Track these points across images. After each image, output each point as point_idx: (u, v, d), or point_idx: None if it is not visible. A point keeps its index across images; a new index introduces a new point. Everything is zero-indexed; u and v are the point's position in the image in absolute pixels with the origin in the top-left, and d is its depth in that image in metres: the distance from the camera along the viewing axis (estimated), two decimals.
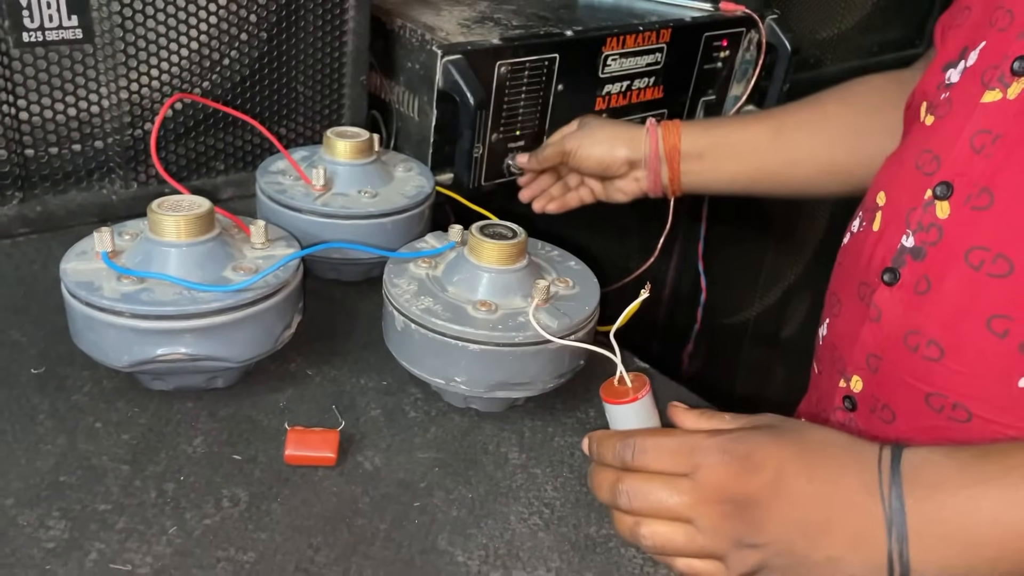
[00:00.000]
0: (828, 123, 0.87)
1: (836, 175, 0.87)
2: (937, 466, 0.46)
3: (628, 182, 0.93)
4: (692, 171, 0.90)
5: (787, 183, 0.90)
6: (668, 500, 0.48)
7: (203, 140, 0.85)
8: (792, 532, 0.46)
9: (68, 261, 0.57)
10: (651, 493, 0.49)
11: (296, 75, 0.87)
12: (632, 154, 0.90)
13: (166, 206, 0.58)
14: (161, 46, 0.78)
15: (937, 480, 0.45)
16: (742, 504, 0.47)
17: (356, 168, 0.73)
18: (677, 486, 0.48)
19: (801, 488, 0.46)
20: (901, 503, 0.45)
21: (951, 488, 0.45)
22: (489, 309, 0.58)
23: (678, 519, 0.48)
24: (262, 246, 0.61)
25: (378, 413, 0.61)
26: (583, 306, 0.60)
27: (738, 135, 0.90)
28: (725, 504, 0.47)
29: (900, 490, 0.45)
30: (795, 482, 0.47)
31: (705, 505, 0.47)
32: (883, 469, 0.46)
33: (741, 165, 0.89)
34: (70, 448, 0.55)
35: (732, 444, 0.48)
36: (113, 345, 0.55)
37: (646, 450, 0.50)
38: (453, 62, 0.85)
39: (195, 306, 0.54)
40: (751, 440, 0.48)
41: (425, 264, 0.62)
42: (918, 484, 0.45)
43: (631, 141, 0.90)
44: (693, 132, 0.90)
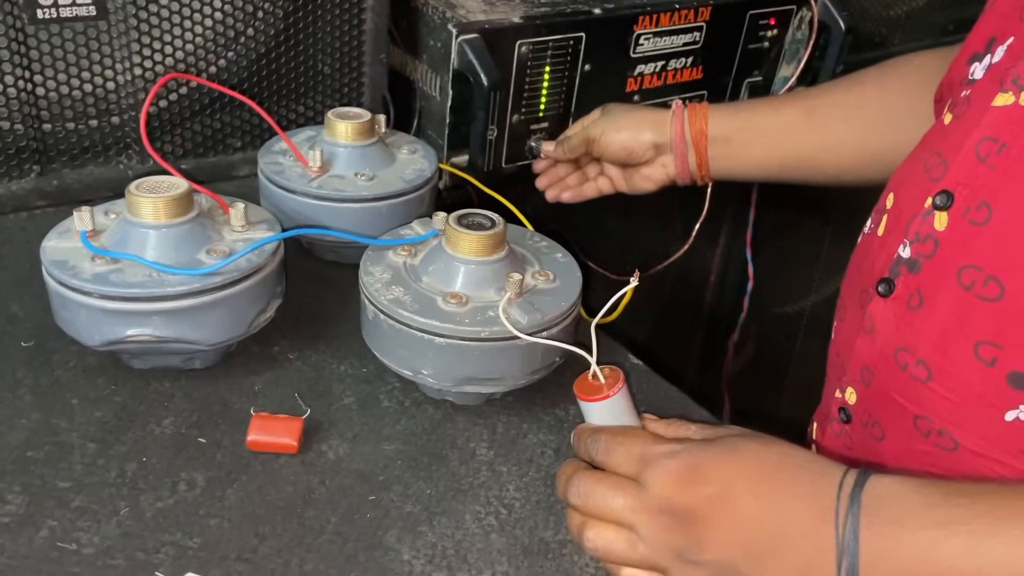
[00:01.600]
0: (864, 106, 0.82)
1: (871, 162, 0.82)
2: (900, 501, 0.43)
3: (655, 168, 0.89)
4: (720, 156, 0.86)
5: (819, 169, 0.85)
6: (611, 503, 0.47)
7: (219, 117, 0.85)
8: (736, 552, 0.44)
9: (50, 239, 0.58)
10: (597, 493, 0.48)
11: (314, 53, 0.87)
12: (658, 138, 0.86)
13: (144, 187, 0.58)
14: (175, 23, 0.78)
15: (898, 516, 0.42)
16: (684, 517, 0.45)
17: (356, 150, 0.73)
18: (622, 489, 0.47)
19: (748, 507, 0.44)
20: (856, 535, 0.42)
21: (911, 527, 0.42)
22: (459, 302, 0.56)
23: (622, 524, 0.47)
24: (242, 228, 0.61)
25: (351, 401, 0.61)
26: (560, 301, 0.58)
27: (768, 118, 0.86)
28: (666, 515, 0.45)
29: (856, 521, 0.42)
30: (742, 500, 0.44)
31: (647, 513, 0.46)
32: (842, 496, 0.43)
33: (771, 150, 0.85)
34: (43, 423, 0.56)
35: (681, 454, 0.46)
36: (85, 325, 0.56)
37: (607, 447, 0.50)
38: (468, 41, 0.84)
39: (162, 289, 0.54)
40: (701, 452, 0.46)
41: (404, 252, 0.61)
42: (877, 518, 0.42)
43: (656, 125, 0.87)
44: (721, 115, 0.86)
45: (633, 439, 0.49)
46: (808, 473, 0.45)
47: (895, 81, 0.81)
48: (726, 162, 0.86)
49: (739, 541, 0.44)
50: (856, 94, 0.83)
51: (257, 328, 0.61)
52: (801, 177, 0.87)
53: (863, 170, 0.82)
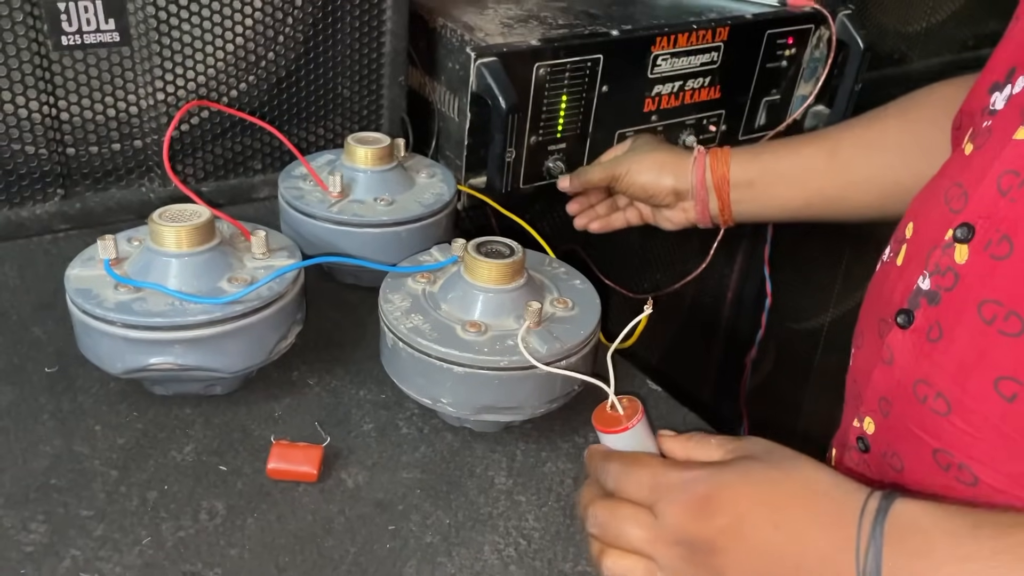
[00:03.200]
0: (888, 141, 0.81)
1: (900, 198, 0.79)
2: (925, 532, 0.42)
3: (676, 212, 0.90)
4: (743, 200, 0.86)
5: (847, 208, 0.84)
6: (628, 533, 0.47)
7: (239, 140, 0.86)
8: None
9: (74, 267, 0.59)
10: (614, 523, 0.48)
11: (334, 76, 0.88)
12: (679, 184, 0.86)
13: (167, 216, 0.58)
14: (197, 48, 0.79)
15: (922, 549, 0.42)
16: (700, 548, 0.45)
17: (375, 175, 0.73)
18: (639, 520, 0.47)
19: (765, 536, 0.44)
20: (878, 566, 0.42)
21: (936, 560, 0.41)
22: (479, 331, 0.56)
23: (640, 554, 0.47)
24: (263, 256, 0.61)
25: (370, 428, 0.61)
26: (579, 330, 0.58)
27: (791, 159, 0.85)
28: (682, 546, 0.45)
29: (879, 552, 0.42)
30: (758, 530, 0.44)
31: (664, 545, 0.46)
32: (864, 523, 0.43)
33: (795, 191, 0.85)
34: (66, 450, 0.56)
35: (694, 483, 0.46)
36: (108, 353, 0.57)
37: (615, 476, 0.50)
38: (486, 64, 0.84)
39: (183, 318, 0.55)
40: (717, 479, 0.46)
41: (424, 279, 0.61)
42: (901, 548, 0.42)
43: (678, 170, 0.86)
44: (743, 159, 0.85)
45: (643, 468, 0.49)
46: (828, 499, 0.45)
47: (918, 114, 0.80)
48: (749, 206, 0.86)
49: (756, 570, 0.44)
50: (878, 130, 0.82)
51: (278, 355, 0.61)
52: (827, 216, 0.86)
53: (890, 206, 0.80)
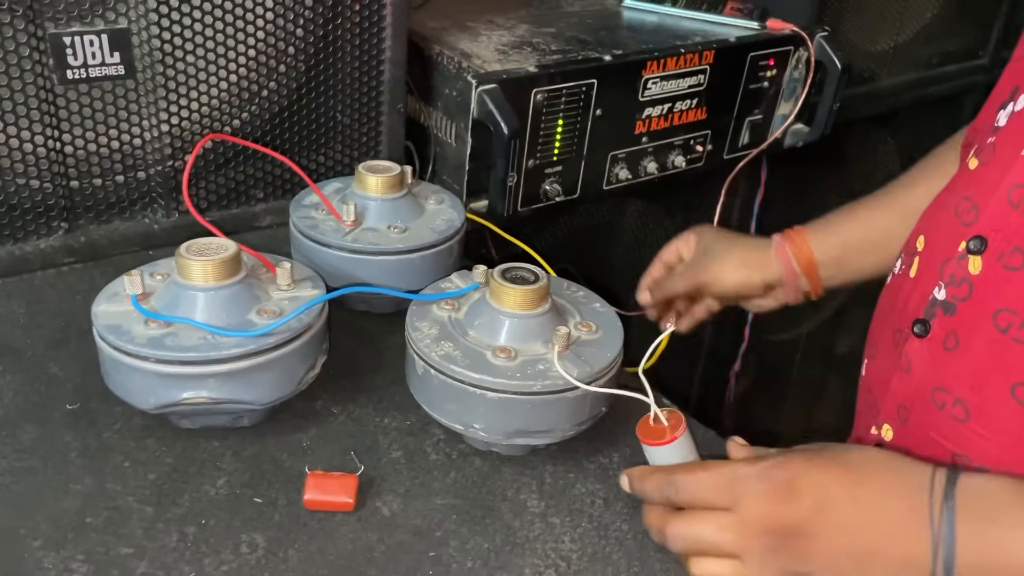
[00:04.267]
0: None
1: None
2: (994, 499, 0.46)
3: (767, 300, 0.93)
4: (832, 276, 0.89)
5: None
6: (713, 538, 0.49)
7: (242, 170, 0.86)
8: (840, 558, 0.46)
9: (99, 303, 0.59)
10: (697, 535, 0.50)
11: (334, 104, 0.88)
12: (769, 277, 0.90)
13: (193, 250, 0.59)
14: (201, 80, 0.79)
15: (992, 514, 0.45)
16: (787, 534, 0.47)
17: (387, 203, 0.74)
18: (721, 523, 0.49)
19: (847, 515, 0.46)
20: (952, 531, 0.45)
21: (1005, 524, 0.45)
22: (508, 356, 0.57)
23: (727, 556, 0.48)
24: (288, 287, 0.62)
25: (399, 455, 0.61)
26: (605, 352, 0.59)
27: (868, 230, 0.87)
28: (769, 536, 0.47)
29: (953, 517, 0.45)
30: (840, 509, 0.47)
31: (750, 539, 0.48)
32: (935, 494, 0.46)
33: (880, 256, 0.86)
34: (97, 488, 0.56)
35: (771, 471, 0.48)
36: (139, 388, 0.56)
37: (687, 487, 0.51)
38: (488, 91, 0.85)
39: (217, 352, 0.55)
40: (791, 466, 0.48)
41: (448, 306, 0.62)
42: (972, 514, 0.45)
43: (763, 263, 0.90)
44: (822, 238, 0.89)
45: (711, 472, 0.51)
46: (897, 473, 0.48)
47: None
48: (839, 279, 0.90)
49: (842, 546, 0.46)
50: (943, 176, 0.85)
51: (305, 385, 0.62)
52: None
53: None
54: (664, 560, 0.54)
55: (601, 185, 1.02)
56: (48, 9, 0.71)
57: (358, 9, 0.85)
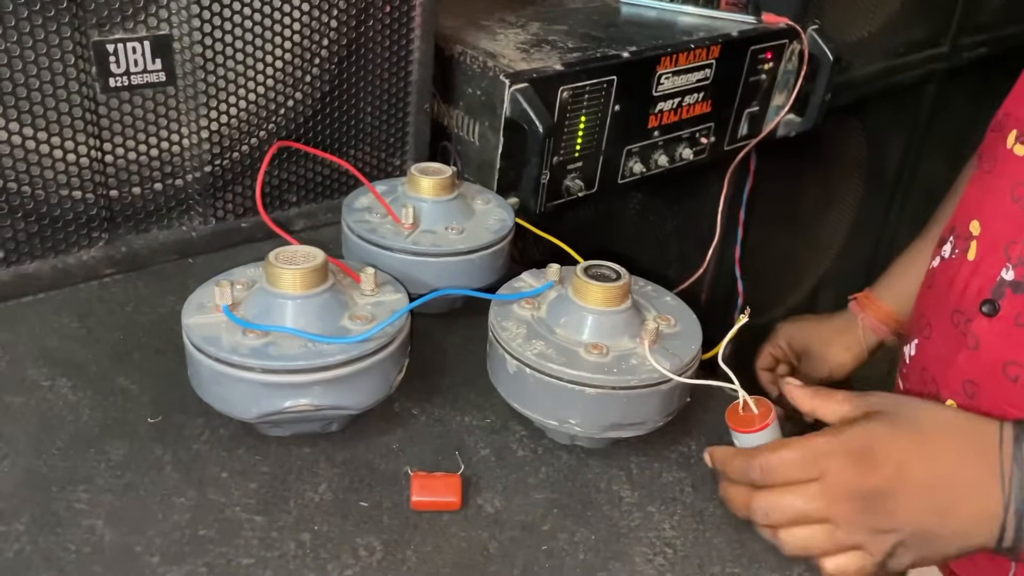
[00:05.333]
0: None
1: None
2: None
3: None
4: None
5: None
6: (804, 508, 0.52)
7: (276, 175, 0.86)
8: (921, 514, 0.50)
9: (189, 316, 0.58)
10: (787, 506, 0.52)
11: (363, 106, 0.88)
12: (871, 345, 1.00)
13: (282, 259, 0.59)
14: (240, 84, 0.79)
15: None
16: (872, 497, 0.50)
17: (440, 204, 0.75)
18: (809, 494, 0.52)
19: (924, 477, 0.51)
20: (1022, 485, 0.48)
21: None
22: (600, 352, 0.59)
23: (816, 522, 0.51)
24: (371, 292, 0.62)
25: (488, 453, 0.63)
26: (689, 344, 0.61)
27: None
28: (856, 501, 0.51)
29: (1022, 468, 0.48)
30: (917, 469, 0.51)
31: (838, 504, 0.51)
32: (1004, 450, 0.51)
33: None
34: (201, 499, 0.56)
35: (853, 443, 0.52)
36: (241, 399, 0.56)
37: (772, 469, 0.54)
38: (520, 90, 0.87)
39: (322, 359, 0.55)
40: (870, 435, 0.52)
41: (528, 305, 0.64)
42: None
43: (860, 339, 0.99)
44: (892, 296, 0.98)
45: (793, 449, 0.54)
46: (967, 432, 0.52)
47: None
48: None
49: (923, 503, 0.50)
50: None
51: (394, 388, 0.62)
52: None
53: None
54: (763, 540, 0.57)
55: (616, 179, 1.04)
56: (92, 16, 0.70)
57: (388, 11, 0.85)
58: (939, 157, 1.84)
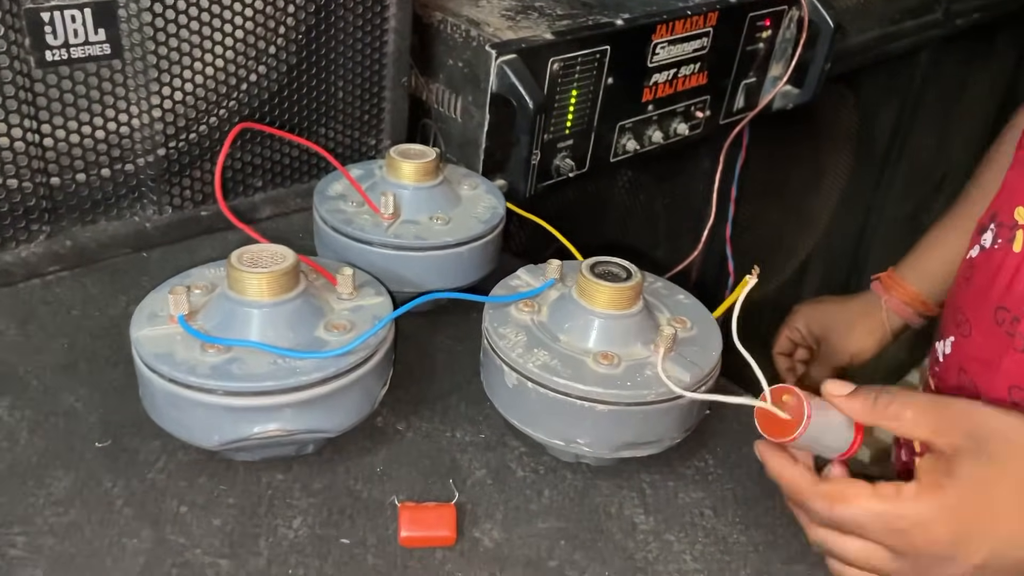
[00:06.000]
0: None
1: None
2: None
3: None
4: (942, 293, 0.87)
5: None
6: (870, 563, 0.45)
7: (238, 157, 0.78)
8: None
9: (139, 327, 0.51)
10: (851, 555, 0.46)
11: (334, 80, 0.80)
12: (895, 328, 0.92)
13: (246, 260, 0.51)
14: (195, 57, 0.70)
15: None
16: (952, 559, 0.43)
17: (423, 191, 0.67)
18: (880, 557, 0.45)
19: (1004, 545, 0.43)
20: None
21: None
22: (611, 363, 0.52)
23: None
24: (350, 296, 0.55)
25: (483, 474, 0.56)
26: (709, 351, 0.55)
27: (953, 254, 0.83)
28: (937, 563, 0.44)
29: None
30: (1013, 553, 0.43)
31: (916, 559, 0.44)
32: None
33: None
34: (158, 541, 0.49)
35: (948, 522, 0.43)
36: (201, 424, 0.49)
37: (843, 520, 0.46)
38: (508, 62, 0.79)
39: (294, 378, 0.48)
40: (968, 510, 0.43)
41: (528, 308, 0.57)
42: None
43: (883, 321, 0.91)
44: (918, 276, 0.90)
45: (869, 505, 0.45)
46: None
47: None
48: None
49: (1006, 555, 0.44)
50: None
51: (378, 404, 0.55)
52: None
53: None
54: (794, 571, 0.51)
55: (608, 157, 0.97)
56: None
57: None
58: (929, 128, 1.79)
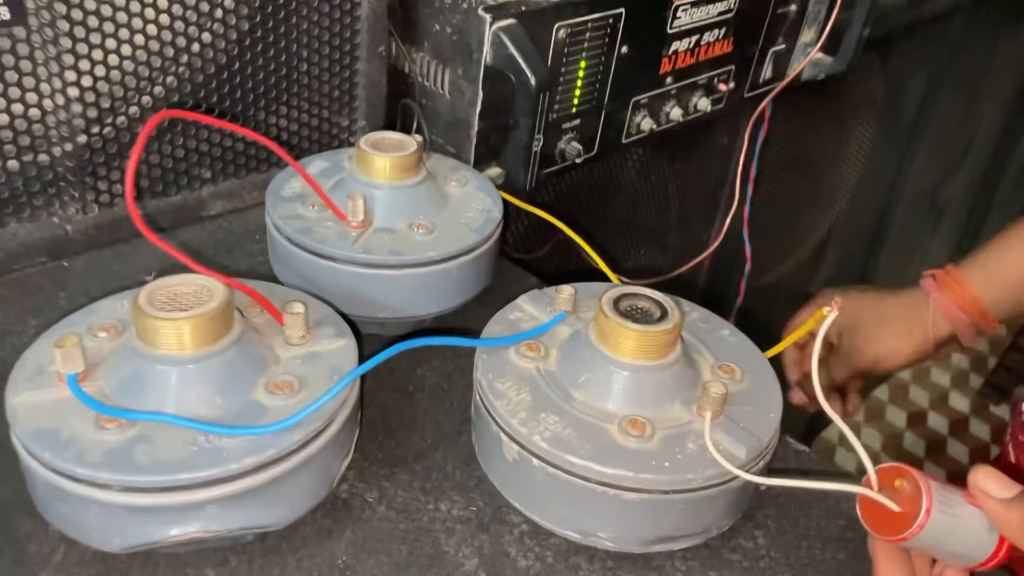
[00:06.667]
0: None
1: None
2: None
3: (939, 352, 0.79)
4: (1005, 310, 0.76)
5: None
6: None
7: (181, 143, 0.64)
8: None
9: (18, 389, 0.38)
10: None
11: (297, 50, 0.67)
12: (939, 336, 0.76)
13: (161, 298, 0.38)
14: (120, 23, 0.57)
15: None
16: None
17: (400, 192, 0.54)
18: None
19: None
20: None
21: None
22: (642, 434, 0.40)
23: None
24: (301, 341, 0.42)
25: (475, 564, 0.44)
26: (767, 412, 0.42)
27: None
28: None
29: None
30: None
31: None
32: None
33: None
34: None
35: None
36: (99, 526, 0.37)
37: None
38: (506, 29, 0.66)
39: (220, 466, 0.36)
40: None
41: (531, 352, 0.44)
42: None
43: (927, 325, 0.76)
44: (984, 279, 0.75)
45: None
46: None
47: None
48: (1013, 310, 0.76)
49: None
50: None
51: (338, 481, 0.43)
52: None
53: None
54: None
55: (621, 138, 0.84)
56: None
57: None
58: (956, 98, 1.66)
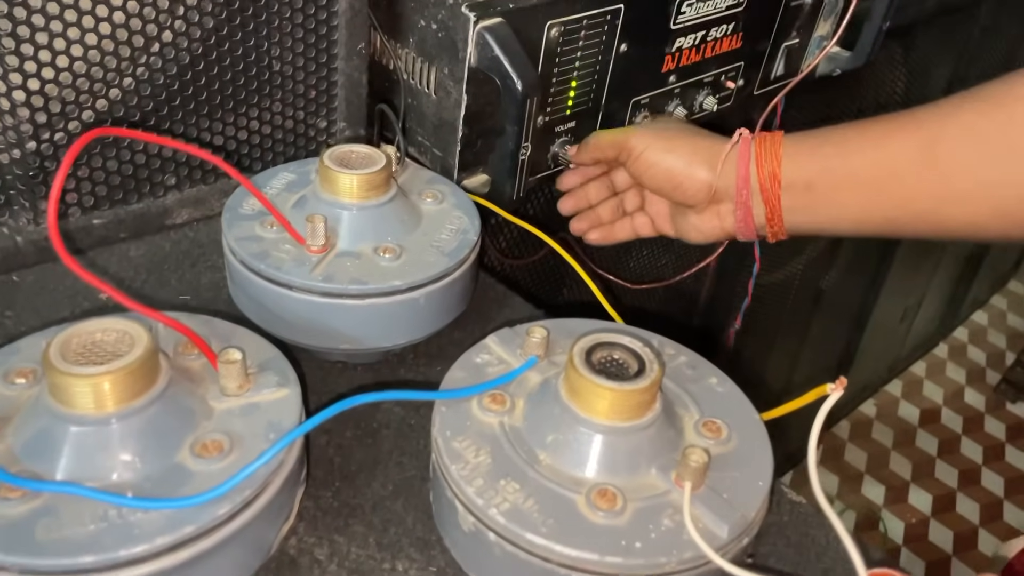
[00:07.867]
0: (1016, 131, 0.54)
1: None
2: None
3: (707, 217, 0.66)
4: (798, 208, 0.62)
5: (943, 225, 0.59)
6: None
7: (143, 148, 0.60)
8: None
9: None
10: None
11: (269, 47, 0.62)
12: (714, 178, 0.63)
13: (76, 345, 0.34)
14: (69, 21, 0.53)
15: None
16: None
17: (367, 212, 0.50)
18: None
19: None
20: None
21: None
22: (612, 507, 0.36)
23: None
24: (238, 392, 0.38)
25: None
26: (755, 480, 0.38)
27: (866, 154, 0.59)
28: None
29: None
30: None
31: None
32: None
33: (871, 199, 0.60)
34: None
35: None
36: None
37: None
38: (491, 29, 0.61)
39: (131, 546, 0.32)
40: None
41: (496, 405, 0.40)
42: None
43: (714, 159, 0.63)
44: (800, 152, 0.61)
45: None
46: None
47: None
48: (806, 216, 0.62)
49: None
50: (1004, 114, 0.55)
51: (277, 545, 0.39)
52: (916, 233, 0.61)
53: (1012, 228, 0.56)
54: None
55: None
56: None
57: None
58: None
